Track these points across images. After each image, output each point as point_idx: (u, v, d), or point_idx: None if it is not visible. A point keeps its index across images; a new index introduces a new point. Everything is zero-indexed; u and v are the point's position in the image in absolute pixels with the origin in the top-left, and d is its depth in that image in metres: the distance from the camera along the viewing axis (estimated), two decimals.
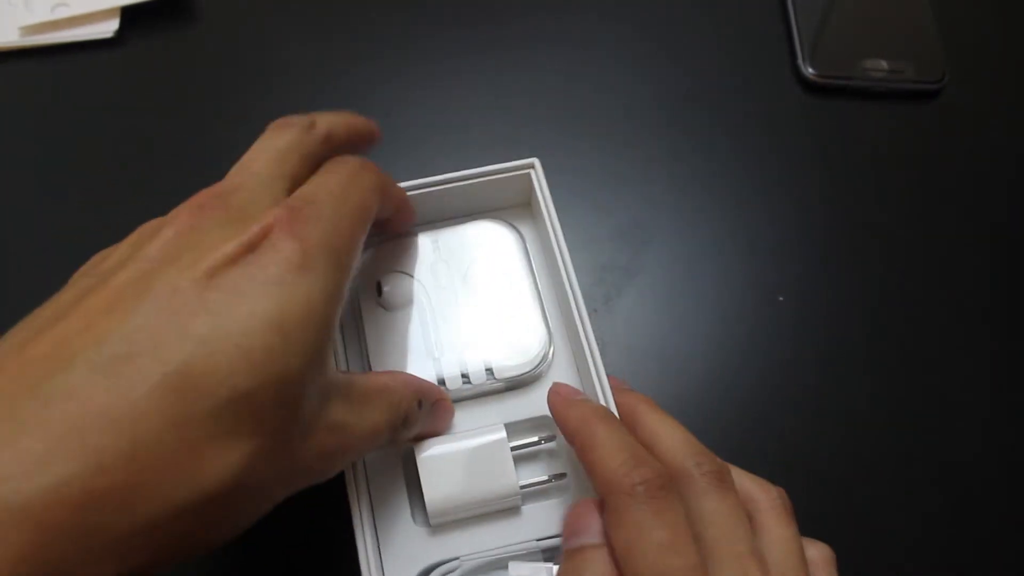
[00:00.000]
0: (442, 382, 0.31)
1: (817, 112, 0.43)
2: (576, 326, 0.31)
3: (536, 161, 0.34)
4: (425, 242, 0.34)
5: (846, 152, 0.43)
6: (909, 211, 0.41)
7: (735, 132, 0.43)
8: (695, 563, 0.22)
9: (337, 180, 0.25)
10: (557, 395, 0.29)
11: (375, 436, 0.25)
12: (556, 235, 0.32)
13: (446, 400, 0.31)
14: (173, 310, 0.18)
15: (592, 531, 0.24)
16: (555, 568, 0.27)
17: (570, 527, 0.25)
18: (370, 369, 0.31)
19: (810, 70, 0.44)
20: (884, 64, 0.44)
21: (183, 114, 0.43)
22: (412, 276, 0.33)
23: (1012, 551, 0.34)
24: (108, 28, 0.44)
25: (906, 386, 0.37)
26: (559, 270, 0.32)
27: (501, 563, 0.28)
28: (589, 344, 0.30)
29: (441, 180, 0.33)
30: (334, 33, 0.45)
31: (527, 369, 0.32)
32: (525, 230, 0.36)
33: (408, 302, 0.33)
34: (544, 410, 0.31)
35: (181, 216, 0.22)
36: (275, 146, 0.25)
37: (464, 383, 0.31)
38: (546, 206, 0.33)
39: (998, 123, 0.44)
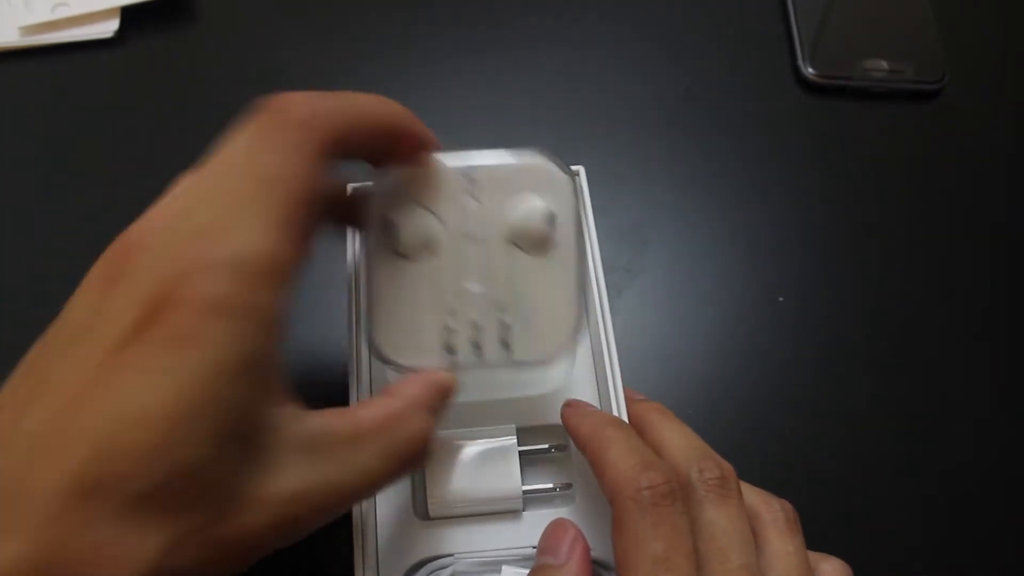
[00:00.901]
0: (451, 350, 0.27)
1: (817, 112, 0.43)
2: (600, 342, 0.30)
3: (581, 169, 0.34)
4: (457, 174, 0.27)
5: (846, 152, 0.43)
6: (909, 211, 0.41)
7: (735, 132, 0.43)
8: None
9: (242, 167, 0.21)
10: (570, 408, 0.29)
11: (371, 483, 0.22)
12: (593, 248, 0.32)
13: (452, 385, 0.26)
14: (69, 407, 0.18)
15: (558, 552, 0.25)
16: None
17: (542, 544, 0.25)
18: (373, 339, 0.26)
19: (810, 70, 0.44)
20: (884, 64, 0.44)
21: (183, 114, 0.43)
22: (435, 214, 0.27)
23: (1012, 551, 0.34)
24: (108, 28, 0.44)
25: (906, 386, 0.37)
26: (592, 283, 0.31)
27: (495, 566, 0.28)
28: (611, 359, 0.30)
29: None
30: (334, 33, 0.45)
31: (548, 355, 0.27)
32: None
33: (426, 247, 0.27)
34: (558, 418, 0.31)
35: (90, 289, 0.20)
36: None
37: (475, 355, 0.27)
38: (585, 216, 0.32)
39: (998, 123, 0.44)
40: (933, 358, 0.38)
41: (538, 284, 0.27)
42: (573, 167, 0.34)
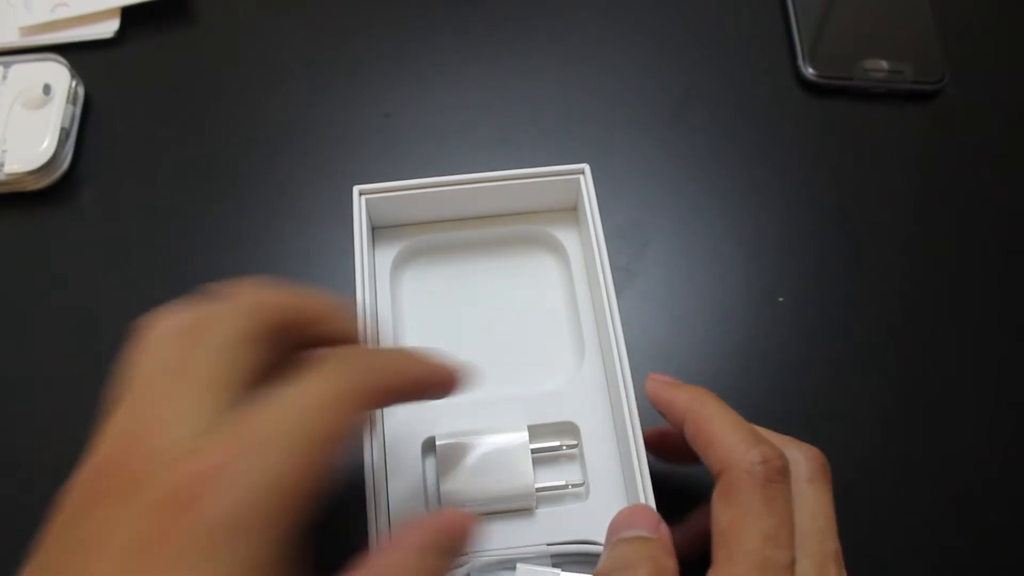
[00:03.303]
0: None
1: (817, 112, 0.43)
2: (611, 342, 0.31)
3: (586, 167, 0.34)
4: None
5: (846, 152, 0.43)
6: (909, 211, 0.41)
7: (735, 132, 0.43)
8: (792, 559, 0.22)
9: (293, 401, 0.20)
10: (656, 381, 0.29)
11: None
12: (599, 245, 0.32)
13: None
14: None
15: (649, 526, 0.25)
16: (563, 575, 0.28)
17: (624, 521, 0.25)
18: None
19: (810, 70, 0.44)
20: (884, 64, 0.44)
21: (183, 114, 0.43)
22: None
23: (1012, 551, 0.34)
24: (108, 28, 0.44)
25: (907, 386, 0.37)
26: (599, 280, 0.32)
27: (509, 563, 0.29)
28: (620, 358, 0.30)
29: (485, 178, 0.34)
30: (333, 33, 0.45)
31: None
32: (569, 237, 0.36)
33: None
34: (569, 416, 0.32)
35: (92, 494, 0.19)
36: (216, 343, 0.20)
37: None
38: (591, 214, 0.33)
39: (998, 123, 0.44)
40: (933, 358, 0.38)
41: None
42: (578, 164, 0.34)
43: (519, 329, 0.35)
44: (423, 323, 0.35)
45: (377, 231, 0.36)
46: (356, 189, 0.33)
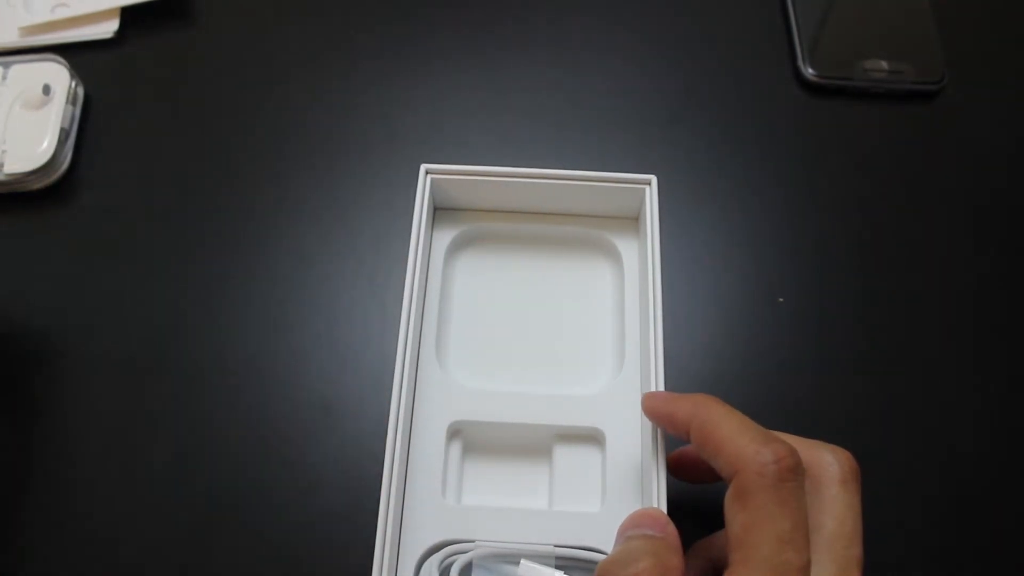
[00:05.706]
0: None
1: (817, 112, 0.43)
2: (651, 358, 0.31)
3: (653, 179, 0.34)
4: None
5: (846, 152, 0.43)
6: (909, 211, 0.41)
7: (735, 132, 0.43)
8: (807, 561, 0.22)
9: None
10: (653, 396, 0.29)
11: None
12: (654, 258, 0.32)
13: None
14: None
15: (656, 527, 0.25)
16: None
17: (633, 522, 0.26)
18: None
19: (810, 70, 0.44)
20: (884, 64, 0.44)
21: (183, 114, 0.43)
22: None
23: (1012, 551, 0.34)
24: (108, 28, 0.44)
25: (906, 386, 0.37)
26: (648, 294, 0.32)
27: (514, 558, 0.29)
28: (657, 372, 0.30)
29: (550, 174, 0.34)
30: (333, 33, 0.45)
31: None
32: (627, 246, 0.36)
33: None
34: (597, 423, 0.32)
35: None
36: None
37: None
38: (651, 227, 0.33)
39: (998, 123, 0.44)
40: (933, 358, 0.38)
41: None
42: (646, 175, 0.34)
43: (562, 329, 0.35)
44: (469, 309, 0.35)
45: (437, 213, 0.36)
46: (423, 167, 0.34)
